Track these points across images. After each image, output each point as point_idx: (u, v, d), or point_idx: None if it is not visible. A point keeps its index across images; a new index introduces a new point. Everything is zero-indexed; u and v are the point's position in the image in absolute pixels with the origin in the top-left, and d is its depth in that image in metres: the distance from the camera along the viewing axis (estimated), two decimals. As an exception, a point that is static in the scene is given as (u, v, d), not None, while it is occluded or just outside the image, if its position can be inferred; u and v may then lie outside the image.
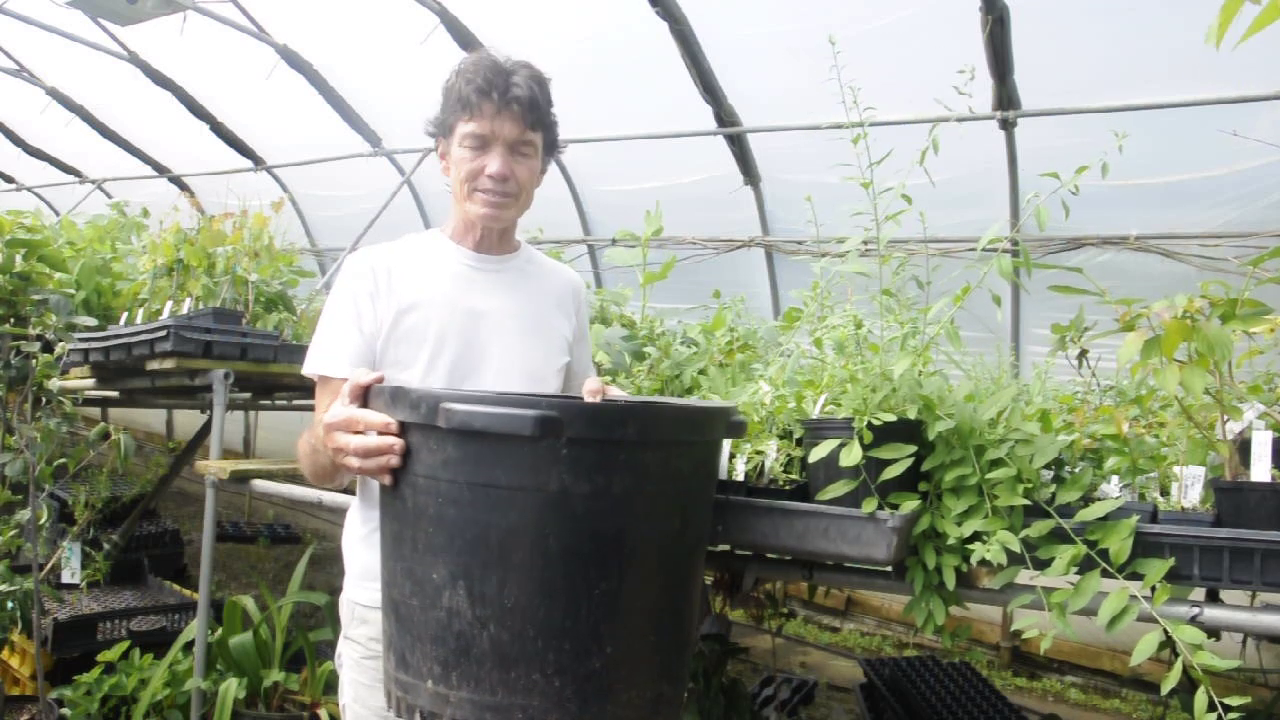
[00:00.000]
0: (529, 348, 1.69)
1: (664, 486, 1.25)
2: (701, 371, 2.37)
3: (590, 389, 1.40)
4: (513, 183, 1.62)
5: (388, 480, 1.26)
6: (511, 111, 1.58)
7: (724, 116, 4.69)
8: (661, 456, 1.24)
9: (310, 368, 1.64)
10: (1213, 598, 1.66)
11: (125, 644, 3.33)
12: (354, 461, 1.27)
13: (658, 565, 1.26)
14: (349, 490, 1.73)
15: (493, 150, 1.60)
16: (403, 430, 1.24)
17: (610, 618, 1.20)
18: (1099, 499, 1.52)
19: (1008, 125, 3.92)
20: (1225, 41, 1.06)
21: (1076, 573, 1.47)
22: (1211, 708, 1.27)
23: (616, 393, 1.51)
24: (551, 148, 1.70)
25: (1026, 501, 1.51)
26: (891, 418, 1.54)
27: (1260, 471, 1.46)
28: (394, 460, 1.24)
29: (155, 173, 7.72)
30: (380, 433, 1.25)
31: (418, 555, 1.22)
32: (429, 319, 1.62)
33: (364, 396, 1.31)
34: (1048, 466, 1.59)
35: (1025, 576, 1.53)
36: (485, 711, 1.17)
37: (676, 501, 1.28)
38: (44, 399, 2.93)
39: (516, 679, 1.17)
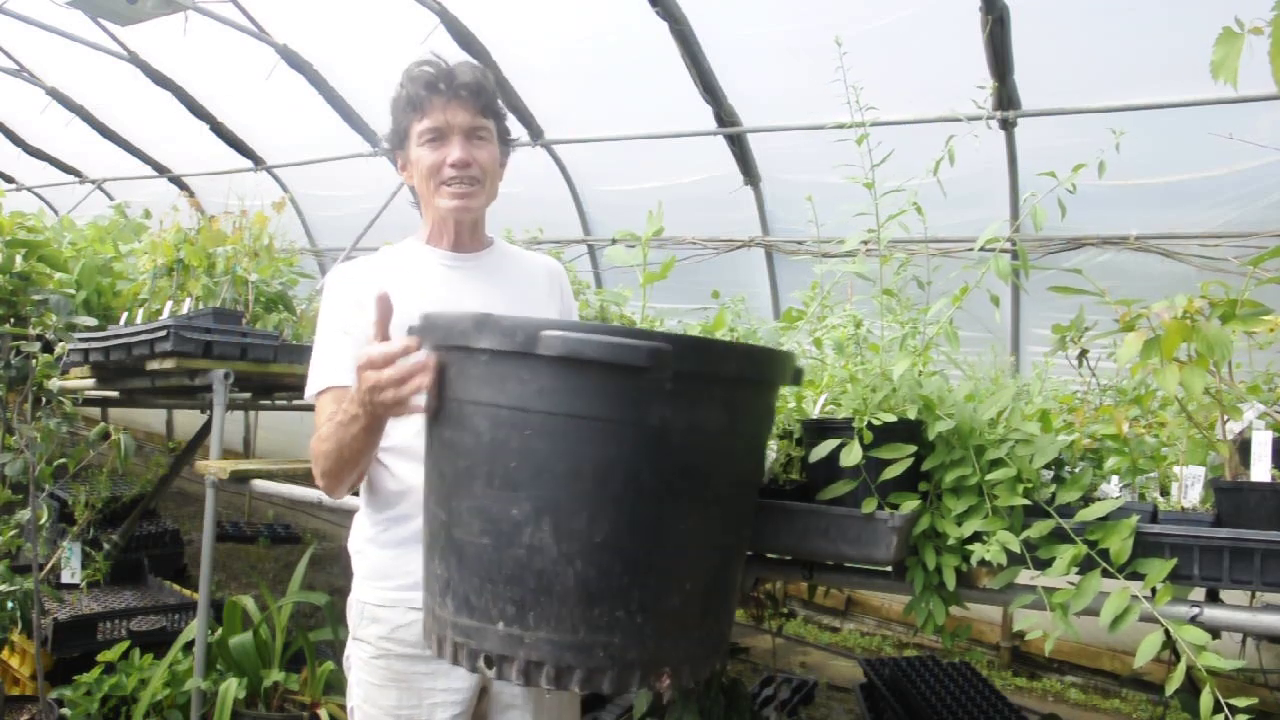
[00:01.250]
0: None
1: (748, 425, 1.27)
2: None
3: None
4: (475, 168, 1.64)
5: (423, 405, 1.25)
6: (461, 99, 1.61)
7: (724, 116, 4.69)
8: (749, 395, 1.26)
9: (315, 386, 1.65)
10: (1213, 598, 1.66)
11: (125, 644, 3.33)
12: (389, 394, 1.27)
13: (734, 504, 1.28)
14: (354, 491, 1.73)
15: (450, 140, 1.63)
16: (473, 361, 1.20)
17: (692, 554, 1.20)
18: (1099, 499, 1.52)
19: (1008, 125, 3.92)
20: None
21: (1077, 573, 1.47)
22: (1218, 709, 1.27)
23: None
24: (505, 137, 1.72)
25: (1027, 501, 1.51)
26: (891, 418, 1.54)
27: (1260, 471, 1.46)
28: (426, 380, 1.23)
29: (155, 173, 7.72)
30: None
31: (493, 491, 1.17)
32: (410, 323, 1.62)
33: (385, 335, 1.33)
34: (1048, 466, 1.59)
35: (1026, 576, 1.53)
36: (565, 651, 1.15)
37: (754, 442, 1.31)
38: (44, 399, 2.93)
39: (600, 616, 1.15)
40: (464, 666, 1.21)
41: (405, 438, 1.59)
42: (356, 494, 1.73)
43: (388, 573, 1.61)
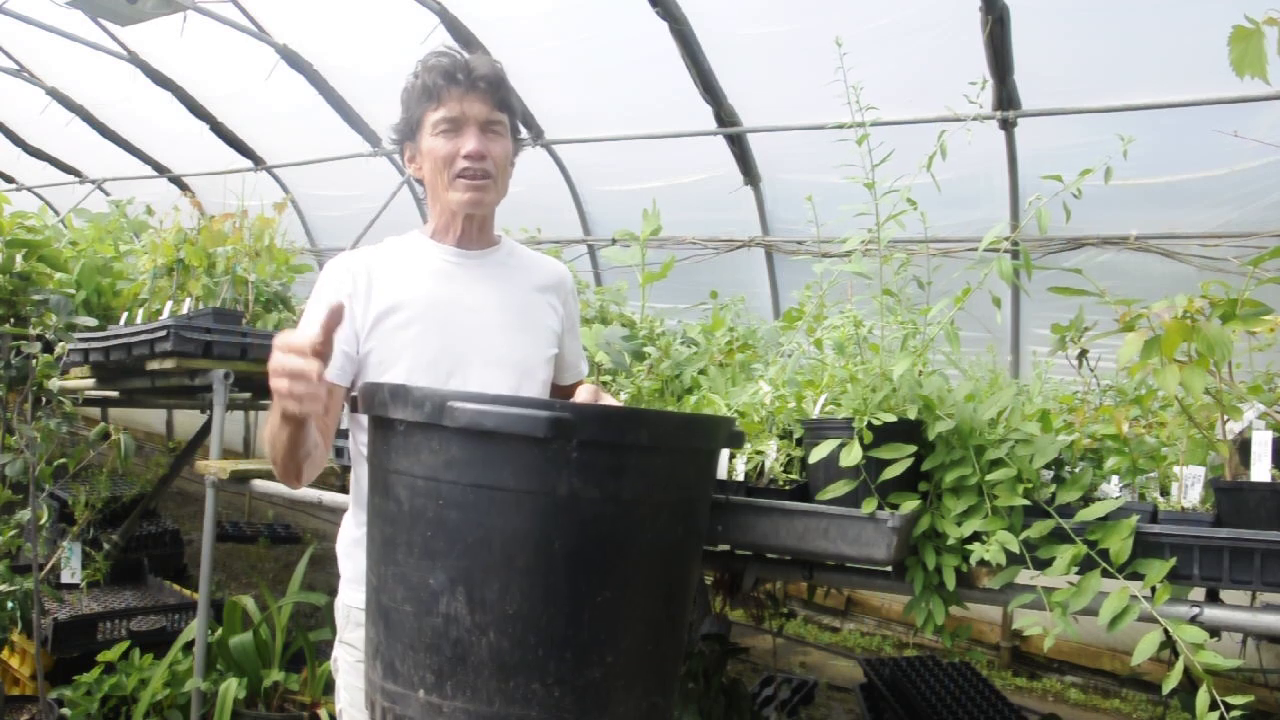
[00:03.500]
0: (515, 340, 1.67)
1: (670, 494, 1.24)
2: (701, 371, 2.36)
3: (585, 399, 1.38)
4: (489, 162, 1.61)
5: (300, 408, 1.22)
6: (479, 90, 1.59)
7: (724, 116, 4.69)
8: (669, 462, 1.23)
9: None
10: (1213, 597, 1.66)
11: (125, 644, 3.33)
12: (281, 384, 1.22)
13: (660, 574, 1.25)
14: (348, 490, 1.72)
15: (466, 131, 1.60)
16: (394, 431, 1.21)
17: (612, 626, 1.18)
18: (1099, 499, 1.52)
19: (1008, 125, 3.92)
20: (1225, 42, 1.06)
21: (1077, 573, 1.47)
22: (1214, 707, 1.27)
23: (609, 400, 1.50)
24: (516, 133, 1.70)
25: (1026, 501, 1.51)
26: (891, 418, 1.54)
27: (1260, 471, 1.46)
28: (313, 385, 1.20)
29: (155, 173, 7.72)
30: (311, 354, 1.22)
31: (413, 560, 1.18)
32: (411, 317, 1.60)
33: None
34: (1048, 466, 1.59)
35: (1025, 576, 1.53)
36: None
37: (681, 509, 1.27)
38: (44, 399, 2.93)
39: (515, 688, 1.14)
40: None
41: None
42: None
43: None
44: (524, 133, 1.73)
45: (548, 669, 1.15)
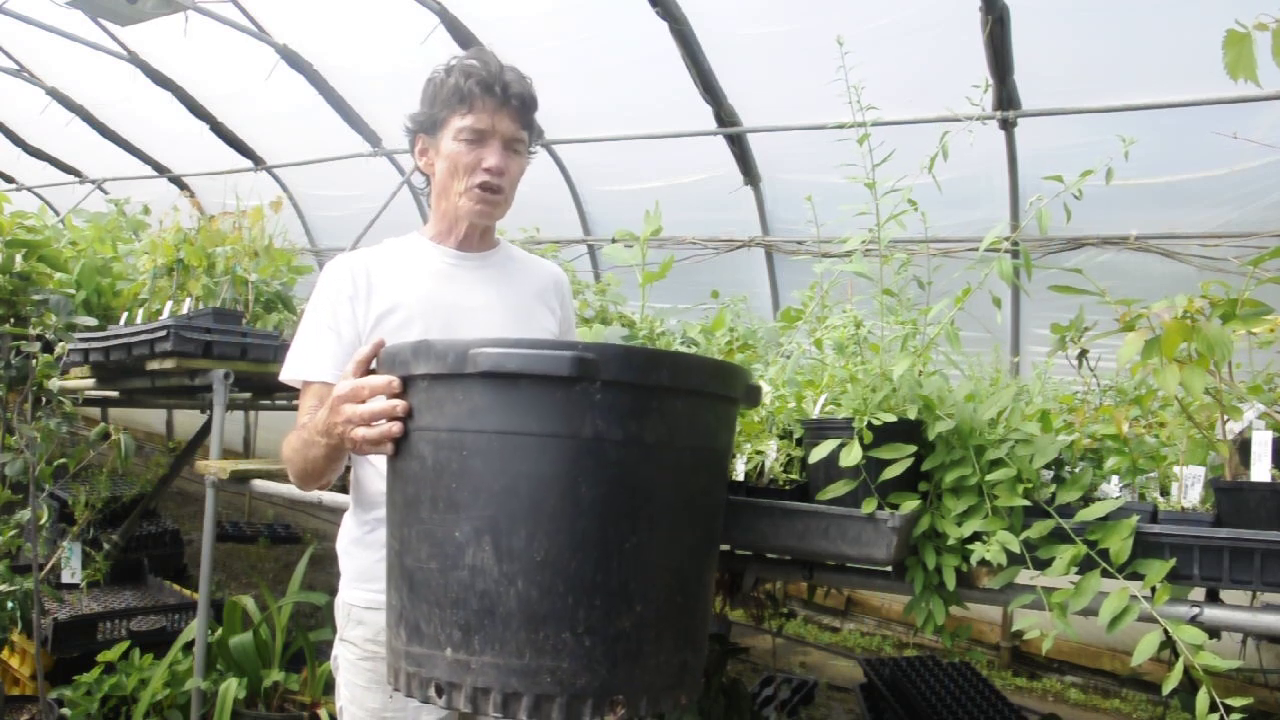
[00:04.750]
0: None
1: (693, 439, 1.24)
2: (701, 371, 2.36)
3: None
4: (505, 179, 1.64)
5: (389, 449, 1.25)
6: (511, 108, 1.60)
7: (724, 116, 4.69)
8: (691, 407, 1.22)
9: (288, 374, 1.64)
10: (1213, 598, 1.66)
11: (125, 644, 3.33)
12: (359, 433, 1.26)
13: (686, 522, 1.24)
14: (348, 490, 1.72)
15: (490, 145, 1.61)
16: (415, 388, 1.22)
17: (640, 574, 1.17)
18: (1099, 499, 1.52)
19: (1008, 125, 3.92)
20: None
21: (1077, 573, 1.47)
22: (1213, 708, 1.27)
23: None
24: (530, 150, 1.72)
25: (1026, 502, 1.51)
26: (891, 418, 1.54)
27: (1260, 471, 1.46)
28: (396, 427, 1.23)
29: (155, 173, 7.72)
30: (387, 396, 1.24)
31: (438, 515, 1.17)
32: (411, 318, 1.61)
33: (367, 371, 1.32)
34: (1048, 466, 1.59)
35: (1025, 576, 1.53)
36: (511, 676, 1.12)
37: (703, 458, 1.27)
38: (44, 399, 2.93)
39: (545, 639, 1.12)
40: (415, 697, 1.20)
41: None
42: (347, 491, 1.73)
43: (373, 575, 1.58)
44: (535, 148, 1.75)
45: (578, 617, 1.13)
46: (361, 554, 1.64)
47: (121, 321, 3.54)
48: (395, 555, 1.26)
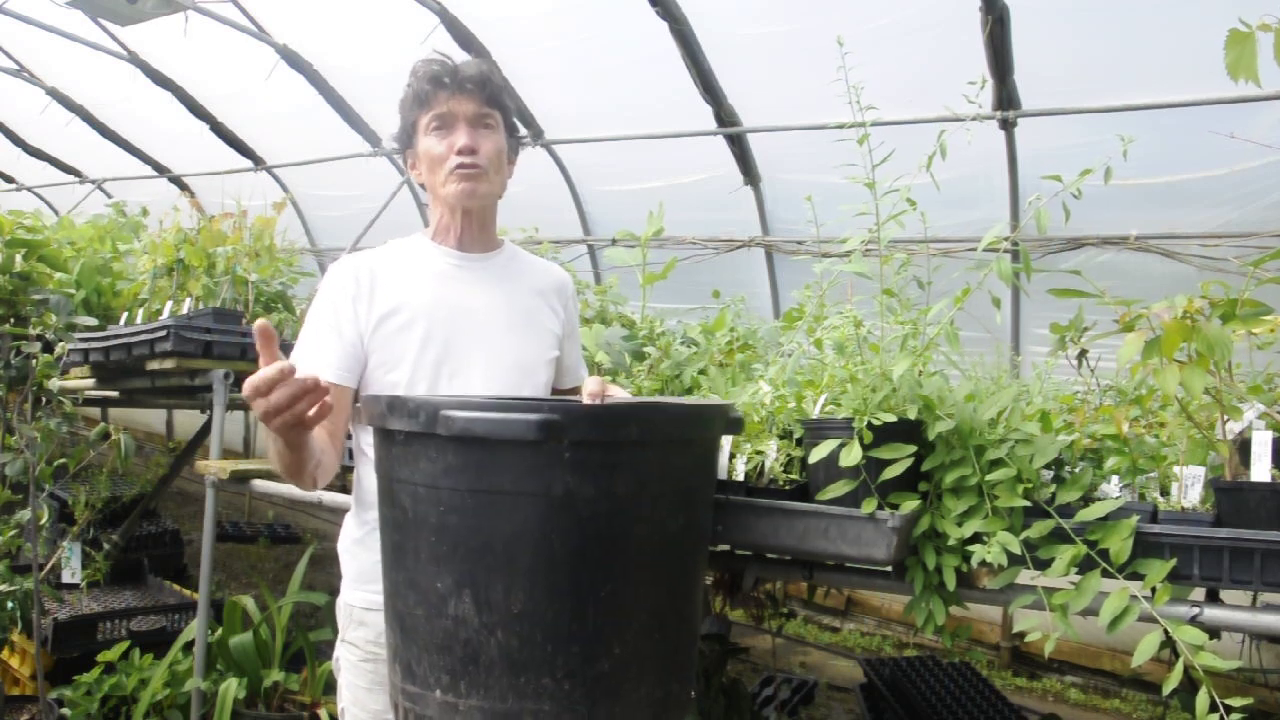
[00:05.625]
0: (516, 341, 1.69)
1: (666, 486, 1.25)
2: (701, 371, 2.37)
3: (591, 390, 1.38)
4: (481, 155, 1.63)
5: (311, 422, 1.24)
6: (466, 90, 1.62)
7: (724, 116, 4.69)
8: (663, 456, 1.24)
9: None
10: (1213, 598, 1.66)
11: (125, 644, 3.33)
12: (282, 419, 1.23)
13: (662, 565, 1.26)
14: (349, 489, 1.72)
15: (457, 128, 1.63)
16: (394, 441, 1.24)
17: (616, 619, 1.20)
18: (1099, 499, 1.52)
19: (1008, 125, 3.92)
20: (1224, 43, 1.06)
21: (1077, 573, 1.47)
22: (1214, 708, 1.27)
23: (617, 391, 1.50)
24: (513, 130, 1.72)
25: (1027, 502, 1.51)
26: (891, 418, 1.54)
27: (1260, 471, 1.46)
28: (309, 401, 1.22)
29: (155, 173, 7.72)
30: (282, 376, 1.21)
31: (421, 565, 1.21)
32: (414, 318, 1.61)
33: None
34: (1048, 466, 1.59)
35: (1026, 577, 1.53)
36: (496, 718, 1.17)
37: (679, 500, 1.28)
38: (44, 399, 2.93)
39: (526, 684, 1.17)
40: None
41: None
42: (350, 492, 1.72)
43: (373, 576, 1.57)
44: (522, 131, 1.75)
45: (556, 664, 1.17)
46: (362, 555, 1.64)
47: (121, 321, 3.54)
48: (388, 597, 1.31)
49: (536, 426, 1.12)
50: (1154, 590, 1.41)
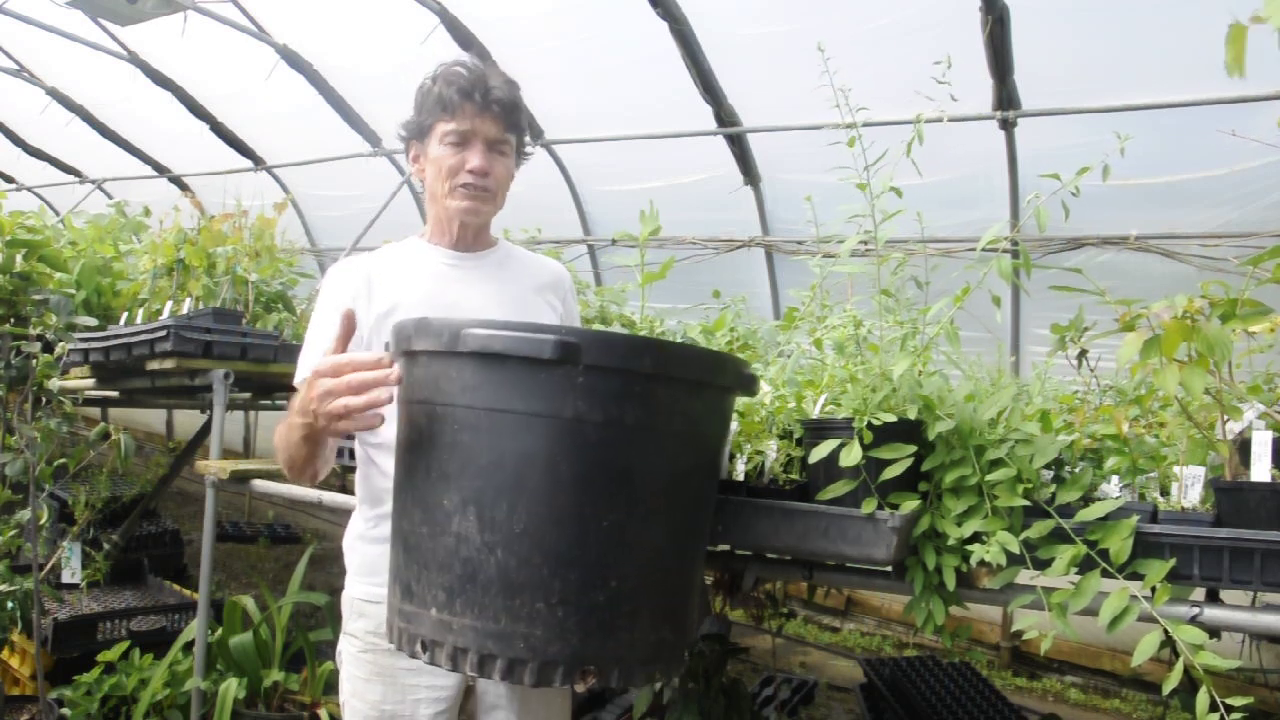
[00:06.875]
0: None
1: (675, 424, 1.26)
2: (701, 371, 2.36)
3: None
4: (491, 179, 1.67)
5: (376, 420, 1.25)
6: (492, 112, 1.64)
7: (724, 116, 4.69)
8: (673, 393, 1.24)
9: (300, 377, 1.65)
10: (1213, 598, 1.66)
11: (125, 644, 3.33)
12: (342, 403, 1.24)
13: (665, 504, 1.27)
14: (349, 489, 1.73)
15: (473, 146, 1.65)
16: (417, 363, 1.26)
17: (616, 551, 1.21)
18: (1099, 499, 1.52)
19: (1008, 125, 3.92)
20: (1224, 42, 1.06)
21: (1077, 573, 1.47)
22: (1214, 708, 1.27)
23: None
24: (520, 151, 1.74)
25: (1026, 502, 1.51)
26: (891, 418, 1.54)
27: (1260, 471, 1.46)
28: (385, 393, 1.24)
29: (155, 173, 7.72)
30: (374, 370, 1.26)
31: (430, 483, 1.24)
32: (410, 316, 1.63)
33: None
34: (1048, 466, 1.59)
35: (1025, 576, 1.53)
36: (487, 639, 1.18)
37: (687, 442, 1.29)
38: (44, 399, 2.93)
39: (520, 606, 1.17)
40: (405, 651, 1.26)
41: (394, 435, 1.59)
42: (353, 490, 1.73)
43: (376, 568, 1.61)
44: (530, 147, 1.77)
45: (552, 588, 1.18)
46: (366, 548, 1.66)
47: (121, 321, 3.54)
48: (395, 518, 1.33)
49: (552, 345, 1.14)
50: (1154, 590, 1.41)
